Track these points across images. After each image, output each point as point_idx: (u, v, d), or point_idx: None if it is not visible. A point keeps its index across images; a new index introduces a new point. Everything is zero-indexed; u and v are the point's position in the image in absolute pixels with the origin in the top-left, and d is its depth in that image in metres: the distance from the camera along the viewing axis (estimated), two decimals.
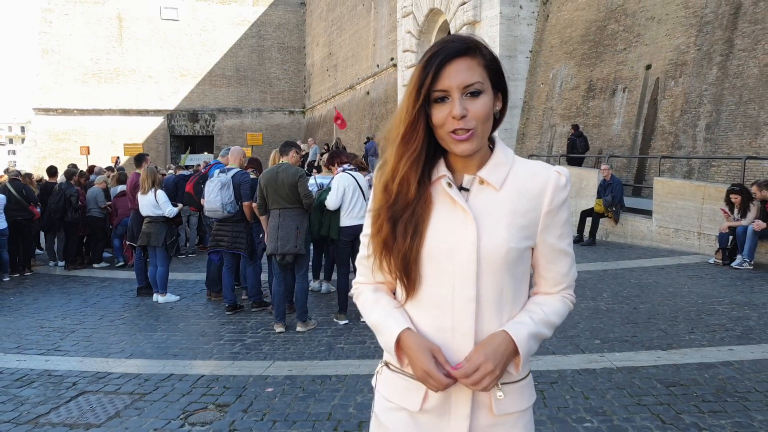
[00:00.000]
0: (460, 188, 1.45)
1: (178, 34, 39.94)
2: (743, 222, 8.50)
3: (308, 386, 4.48)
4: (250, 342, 5.82)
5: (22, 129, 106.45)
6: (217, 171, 6.92)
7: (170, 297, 7.93)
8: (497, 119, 1.49)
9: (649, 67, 15.85)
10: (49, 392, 4.61)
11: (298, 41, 43.06)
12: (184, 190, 10.55)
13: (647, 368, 4.55)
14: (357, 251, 5.30)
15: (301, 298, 6.13)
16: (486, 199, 1.43)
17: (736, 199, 8.67)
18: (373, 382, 1.59)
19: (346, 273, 6.48)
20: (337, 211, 6.38)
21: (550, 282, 1.53)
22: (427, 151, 1.44)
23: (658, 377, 4.35)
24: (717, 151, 13.24)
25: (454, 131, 1.37)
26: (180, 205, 8.56)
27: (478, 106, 1.37)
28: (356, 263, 1.64)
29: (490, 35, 19.43)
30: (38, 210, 10.60)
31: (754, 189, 8.57)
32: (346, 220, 6.34)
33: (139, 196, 7.79)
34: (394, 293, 1.57)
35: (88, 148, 26.59)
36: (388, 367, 1.53)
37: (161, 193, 7.74)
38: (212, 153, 37.44)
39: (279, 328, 6.11)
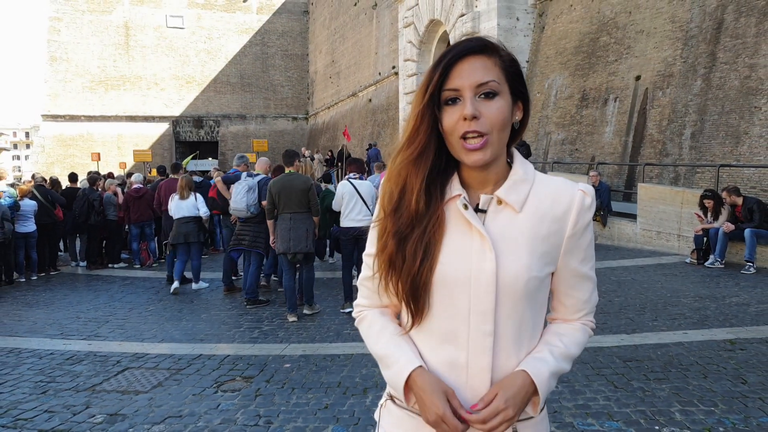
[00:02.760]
0: (476, 209, 1.33)
1: (183, 42, 40.69)
2: (715, 225, 9.25)
3: (320, 363, 5.25)
4: (266, 329, 6.61)
5: (27, 134, 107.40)
6: (244, 174, 7.85)
7: (202, 284, 9.15)
8: (517, 131, 1.38)
9: (638, 78, 16.58)
10: (98, 368, 5.39)
11: (302, 49, 43.82)
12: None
13: (611, 348, 5.31)
14: (361, 248, 6.20)
15: (308, 286, 7.12)
16: (505, 223, 1.31)
17: (709, 203, 9.42)
18: (376, 416, 1.50)
19: (350, 266, 7.36)
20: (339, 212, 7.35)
21: (571, 309, 1.42)
22: (437, 163, 1.33)
23: (619, 354, 5.11)
24: (701, 158, 13.97)
25: (464, 137, 1.26)
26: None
27: (493, 109, 1.26)
28: (358, 284, 1.52)
29: None
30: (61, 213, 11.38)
31: (724, 194, 9.33)
32: (344, 222, 7.20)
33: (177, 201, 8.87)
34: (398, 317, 1.48)
35: (98, 154, 27.38)
36: (394, 401, 1.41)
37: (200, 197, 8.94)
38: (216, 159, 38.29)
39: (292, 318, 6.92)
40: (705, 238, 9.49)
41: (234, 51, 41.62)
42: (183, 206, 8.85)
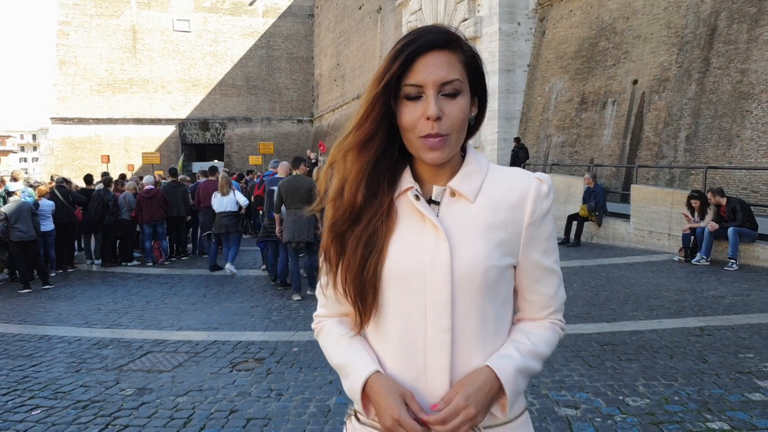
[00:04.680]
0: (430, 201, 1.29)
1: (189, 45, 41.19)
2: (701, 224, 9.71)
3: None
4: (276, 319, 7.14)
5: (34, 137, 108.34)
6: (267, 180, 9.33)
7: (233, 268, 10.46)
8: (471, 126, 1.32)
9: (635, 82, 17.03)
10: (122, 351, 5.92)
11: (307, 52, 44.32)
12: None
13: (590, 334, 5.80)
14: None
15: (310, 271, 8.39)
16: (458, 213, 1.27)
17: (695, 204, 9.89)
18: None
19: None
20: None
21: (537, 306, 1.36)
22: (388, 155, 1.30)
23: (597, 339, 5.60)
24: (695, 160, 14.43)
25: (425, 136, 1.21)
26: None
27: (455, 109, 1.22)
28: (316, 293, 1.47)
29: (490, 50, 20.67)
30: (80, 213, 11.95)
31: (709, 195, 9.79)
32: None
33: (219, 197, 10.34)
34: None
35: (108, 156, 27.89)
36: (357, 417, 1.34)
37: (239, 193, 10.67)
38: (222, 161, 38.88)
39: (296, 297, 8.16)
40: (692, 237, 9.95)
41: (240, 54, 42.14)
42: (224, 201, 10.32)
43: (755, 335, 5.54)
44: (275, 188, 8.49)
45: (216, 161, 38.11)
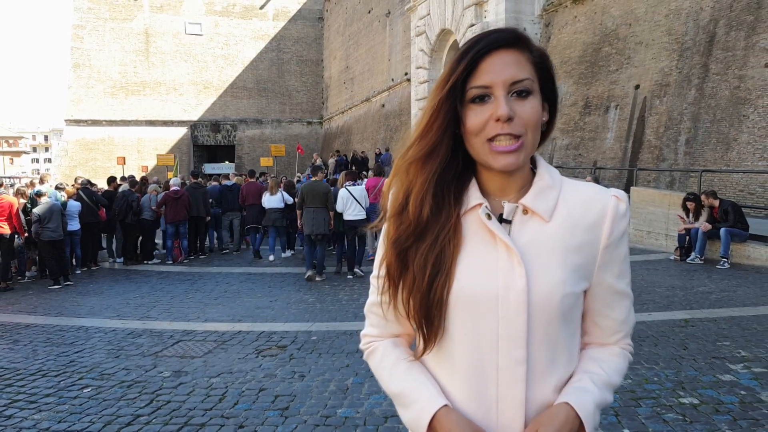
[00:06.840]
0: (500, 220, 1.20)
1: (201, 48, 41.78)
2: (696, 225, 10.20)
3: (341, 336, 6.32)
4: (294, 311, 7.72)
5: (46, 138, 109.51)
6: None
7: (278, 255, 12.67)
8: (543, 133, 1.23)
9: (637, 87, 17.49)
10: (155, 340, 6.49)
11: (316, 55, 44.87)
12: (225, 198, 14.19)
13: None
14: (359, 237, 8.51)
15: (320, 260, 10.09)
16: (533, 234, 1.19)
17: (690, 205, 10.38)
18: None
19: (352, 244, 10.31)
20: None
21: (607, 331, 1.29)
22: (453, 165, 1.21)
23: None
24: (695, 163, 14.90)
25: (493, 139, 1.13)
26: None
27: (528, 109, 1.14)
28: (365, 311, 1.38)
29: None
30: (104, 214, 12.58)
31: (702, 198, 10.28)
32: (345, 217, 9.98)
33: (268, 196, 12.41)
34: (412, 347, 1.32)
35: (124, 158, 28.52)
36: None
37: (286, 194, 12.64)
38: (233, 162, 39.51)
39: (308, 273, 9.97)
40: (687, 237, 10.43)
41: (250, 57, 42.71)
42: (273, 200, 12.35)
43: (734, 326, 6.05)
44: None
45: (227, 162, 38.78)
